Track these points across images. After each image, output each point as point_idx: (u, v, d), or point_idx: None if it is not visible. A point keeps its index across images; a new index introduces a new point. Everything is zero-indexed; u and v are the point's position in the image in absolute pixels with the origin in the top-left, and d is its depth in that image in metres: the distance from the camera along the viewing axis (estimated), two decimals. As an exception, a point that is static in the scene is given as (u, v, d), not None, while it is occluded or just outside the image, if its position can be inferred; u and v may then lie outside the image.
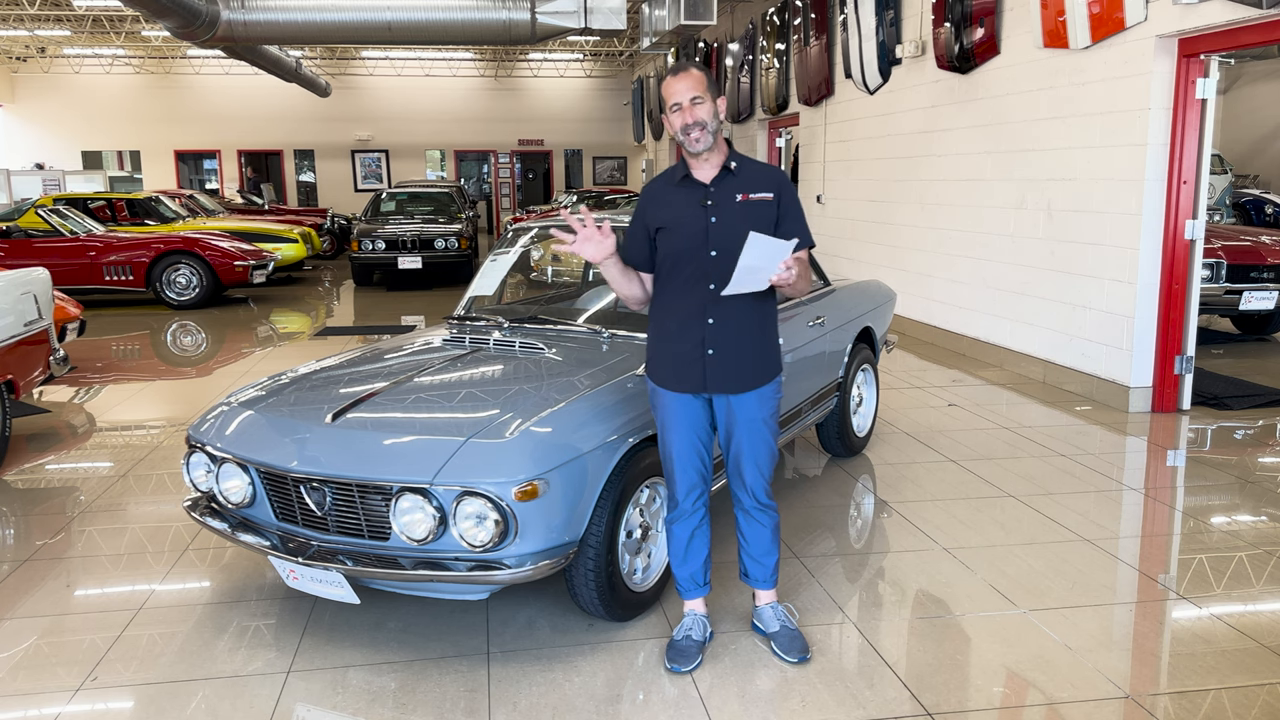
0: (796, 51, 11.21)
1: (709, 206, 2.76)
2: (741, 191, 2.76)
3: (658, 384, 2.87)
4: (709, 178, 2.78)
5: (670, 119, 2.75)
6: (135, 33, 19.82)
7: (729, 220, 2.75)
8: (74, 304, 6.92)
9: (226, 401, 3.42)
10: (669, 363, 2.83)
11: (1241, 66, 18.36)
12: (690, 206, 2.78)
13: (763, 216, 2.76)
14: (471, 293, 4.40)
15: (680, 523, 2.93)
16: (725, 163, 2.78)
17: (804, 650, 2.94)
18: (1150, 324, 5.82)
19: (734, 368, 2.79)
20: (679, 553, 2.97)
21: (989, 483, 4.58)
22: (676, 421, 2.85)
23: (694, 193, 2.79)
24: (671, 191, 2.83)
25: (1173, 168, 5.60)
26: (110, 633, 3.16)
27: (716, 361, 2.78)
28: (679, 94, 2.70)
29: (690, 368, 2.80)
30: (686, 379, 2.81)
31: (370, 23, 11.49)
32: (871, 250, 9.53)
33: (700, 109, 2.69)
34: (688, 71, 2.73)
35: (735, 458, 2.90)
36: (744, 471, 2.90)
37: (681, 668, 2.86)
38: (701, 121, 2.69)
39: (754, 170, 2.82)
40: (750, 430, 2.85)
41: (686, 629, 2.97)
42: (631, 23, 17.08)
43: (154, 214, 13.51)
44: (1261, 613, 3.22)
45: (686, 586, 3.00)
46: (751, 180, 2.79)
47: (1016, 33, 6.91)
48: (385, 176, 24.61)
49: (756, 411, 2.85)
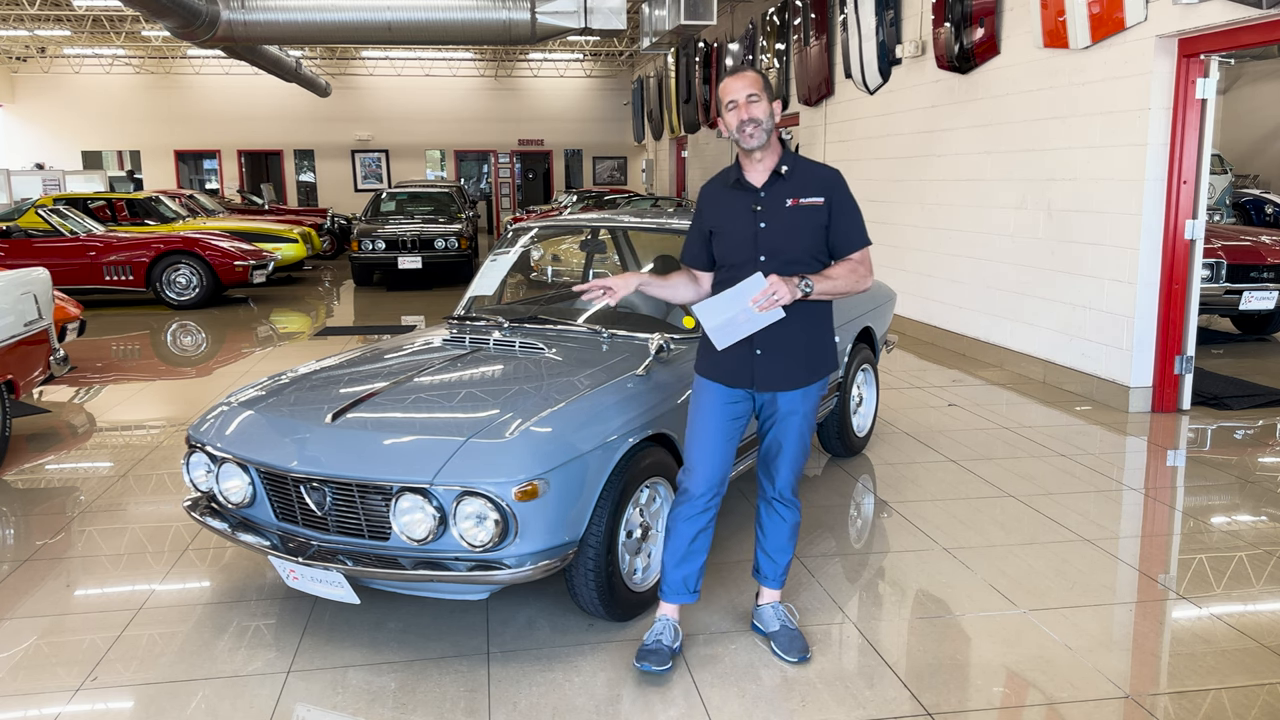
0: (796, 51, 11.21)
1: (758, 212, 2.78)
2: (792, 196, 2.78)
3: (705, 376, 2.88)
4: (760, 181, 2.80)
5: (726, 118, 2.77)
6: (135, 33, 19.82)
7: (778, 225, 2.77)
8: (74, 304, 6.92)
9: (226, 401, 3.42)
10: (719, 359, 2.84)
11: (1241, 66, 18.36)
12: (741, 211, 2.80)
13: (812, 221, 2.78)
14: (471, 293, 4.40)
15: (690, 520, 2.86)
16: (777, 166, 2.80)
17: (804, 650, 2.93)
18: (1150, 324, 5.82)
19: (783, 367, 2.81)
20: (680, 551, 2.88)
21: (989, 483, 4.58)
22: (715, 414, 2.85)
23: (745, 196, 2.81)
24: (725, 193, 2.87)
25: (1173, 168, 5.60)
26: (110, 633, 3.16)
27: (765, 361, 2.79)
28: (735, 91, 2.73)
29: (740, 366, 2.81)
30: (736, 376, 2.82)
31: (370, 23, 11.49)
32: (871, 250, 9.52)
33: (756, 106, 2.72)
34: (744, 72, 2.78)
35: (771, 449, 2.91)
36: (778, 464, 2.91)
37: (652, 666, 2.80)
38: (757, 119, 2.72)
39: (807, 174, 2.82)
40: (791, 425, 2.86)
41: (657, 634, 2.89)
42: (631, 23, 17.08)
43: (154, 214, 13.51)
44: (1261, 613, 3.22)
45: (676, 589, 2.91)
46: (803, 184, 2.79)
47: (1016, 33, 6.91)
48: (385, 176, 24.61)
49: (800, 405, 2.85)
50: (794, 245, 2.77)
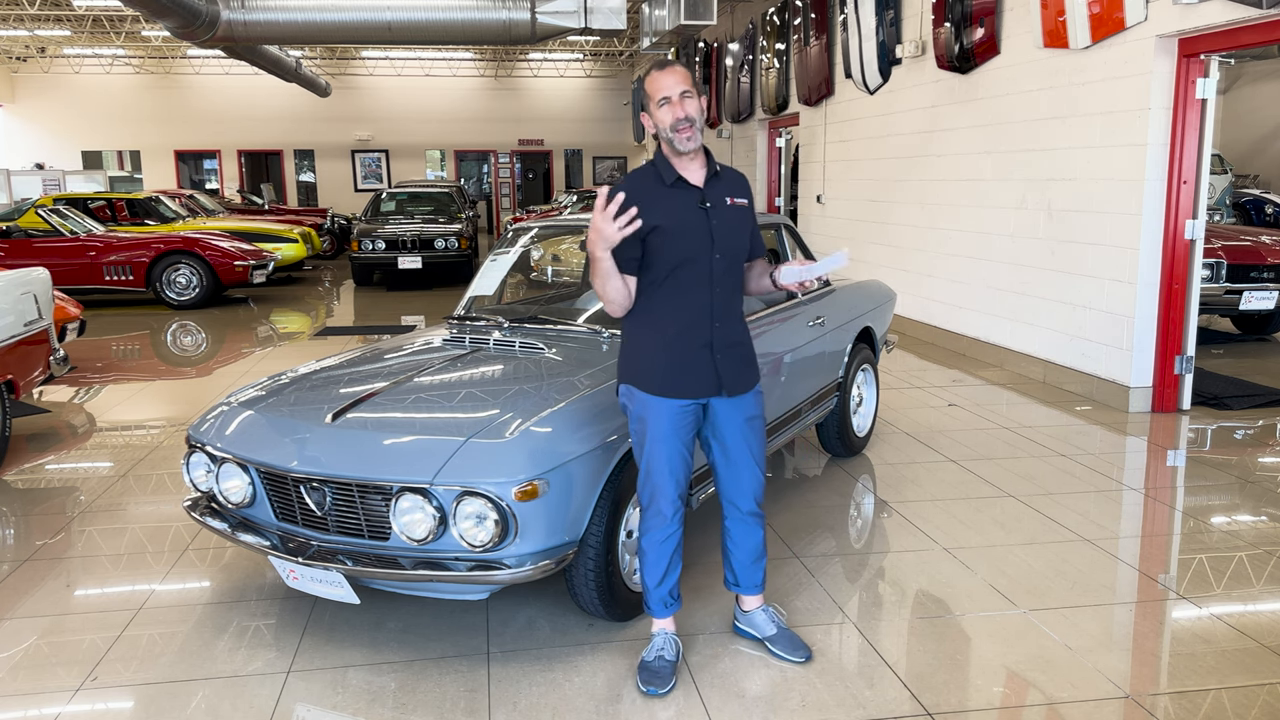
0: (796, 51, 11.21)
1: (709, 209, 2.72)
2: (729, 195, 2.77)
3: (654, 393, 2.70)
4: (700, 180, 2.74)
5: (658, 115, 2.65)
6: (135, 33, 19.82)
7: (724, 223, 2.74)
8: (74, 304, 6.92)
9: (226, 401, 3.42)
10: (671, 369, 2.70)
11: (1241, 66, 18.36)
12: (690, 209, 2.71)
13: (745, 220, 2.80)
14: (471, 293, 4.40)
15: (665, 540, 2.78)
16: (710, 165, 2.76)
17: (806, 648, 2.93)
18: (1150, 324, 5.82)
19: (739, 367, 2.79)
20: (660, 568, 2.80)
21: (989, 483, 4.58)
22: (671, 430, 2.72)
23: (690, 195, 2.72)
24: (665, 192, 2.69)
25: (1173, 168, 5.60)
26: (110, 633, 3.16)
27: (726, 363, 2.75)
28: (669, 88, 2.63)
29: (701, 370, 2.72)
30: (696, 384, 2.72)
31: (370, 23, 11.49)
32: (871, 250, 9.53)
33: (690, 104, 2.64)
34: (674, 65, 2.68)
35: (735, 461, 2.83)
36: (746, 473, 2.84)
37: (657, 690, 2.74)
38: (691, 118, 2.63)
39: (730, 175, 2.84)
40: (751, 429, 2.82)
41: (658, 649, 2.84)
42: (631, 23, 17.08)
43: (154, 214, 13.51)
44: (1261, 613, 3.22)
45: (661, 605, 2.85)
46: (731, 185, 2.81)
47: (1016, 33, 6.91)
48: (385, 176, 24.61)
49: (755, 408, 2.84)
50: (740, 244, 2.78)
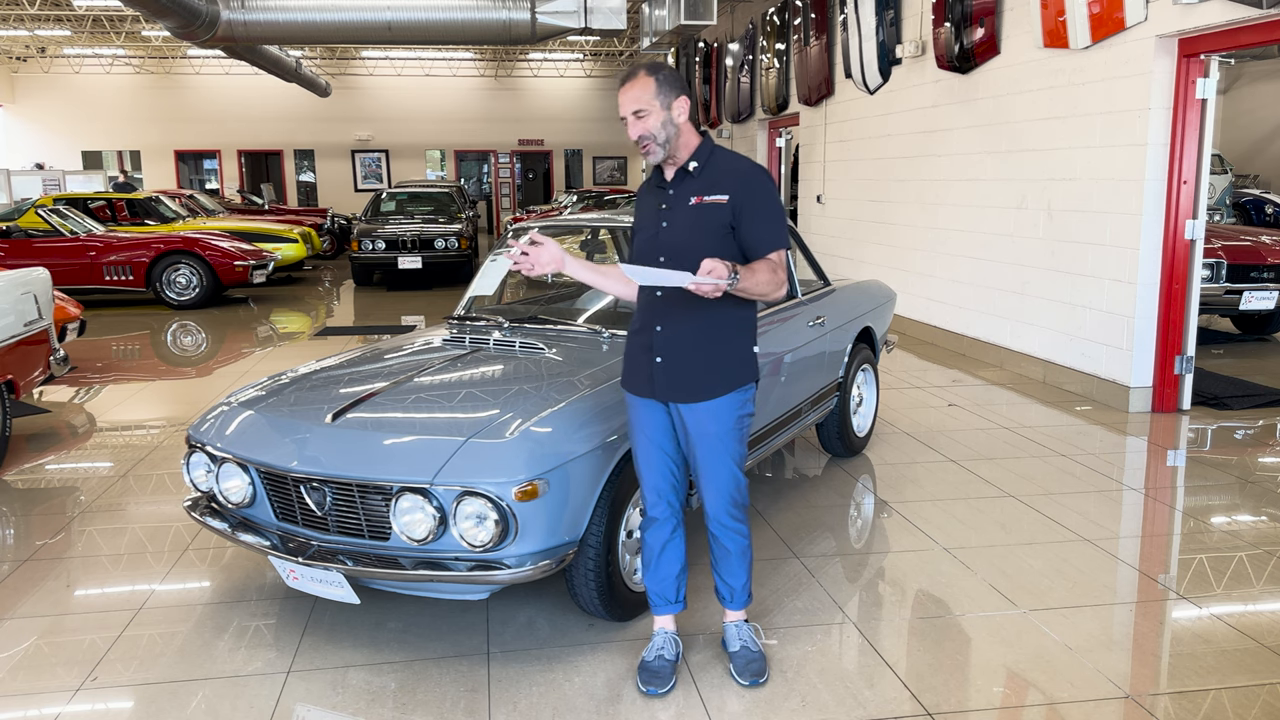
0: (796, 51, 11.21)
1: (663, 210, 2.68)
2: (697, 194, 2.61)
3: (622, 384, 2.84)
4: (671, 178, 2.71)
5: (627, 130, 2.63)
6: (135, 33, 19.82)
7: (678, 224, 2.63)
8: (74, 304, 6.92)
9: (226, 401, 3.42)
10: (625, 363, 2.80)
11: (1241, 66, 18.36)
12: (652, 209, 2.72)
13: (714, 220, 2.58)
14: (471, 293, 4.40)
15: (650, 531, 2.80)
16: (685, 163, 2.65)
17: (759, 674, 2.80)
18: (1150, 324, 5.82)
19: (682, 377, 2.65)
20: (648, 563, 2.83)
21: (989, 483, 4.58)
22: (636, 424, 2.77)
23: (658, 195, 2.72)
24: (647, 192, 2.79)
25: (1173, 168, 5.60)
26: (110, 633, 3.16)
27: (664, 370, 2.66)
28: (623, 107, 2.59)
29: (641, 372, 2.72)
30: (640, 383, 2.73)
31: (370, 23, 11.49)
32: (871, 250, 9.53)
33: (646, 121, 2.55)
34: (634, 80, 2.57)
35: (697, 471, 2.74)
36: (703, 489, 2.74)
37: (657, 690, 2.74)
38: (649, 134, 2.56)
39: (720, 170, 2.63)
40: (703, 445, 2.68)
41: (658, 648, 2.83)
42: (631, 23, 17.08)
43: (154, 214, 13.51)
44: (1261, 613, 3.22)
45: (656, 601, 2.85)
46: (712, 181, 2.61)
47: (1016, 33, 6.91)
48: (385, 176, 24.62)
49: (710, 426, 2.65)
50: (695, 246, 2.56)
